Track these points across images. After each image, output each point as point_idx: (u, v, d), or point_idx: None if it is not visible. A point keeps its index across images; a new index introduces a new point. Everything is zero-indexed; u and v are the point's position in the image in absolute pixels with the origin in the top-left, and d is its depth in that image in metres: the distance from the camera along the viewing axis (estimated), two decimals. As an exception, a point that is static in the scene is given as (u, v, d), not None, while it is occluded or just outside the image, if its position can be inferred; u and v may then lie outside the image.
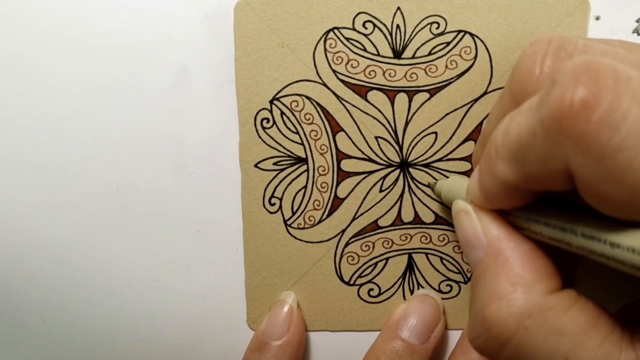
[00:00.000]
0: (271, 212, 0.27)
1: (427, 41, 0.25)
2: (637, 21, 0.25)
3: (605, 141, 0.13)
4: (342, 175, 0.27)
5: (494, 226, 0.18)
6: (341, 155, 0.26)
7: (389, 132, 0.26)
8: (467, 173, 0.26)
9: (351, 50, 0.26)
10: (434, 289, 0.27)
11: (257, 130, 0.26)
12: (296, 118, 0.26)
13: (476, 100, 0.26)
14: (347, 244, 0.27)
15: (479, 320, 0.17)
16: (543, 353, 0.16)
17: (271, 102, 0.26)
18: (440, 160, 0.26)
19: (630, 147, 0.13)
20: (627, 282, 0.18)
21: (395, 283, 0.27)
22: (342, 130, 0.26)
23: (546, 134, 0.14)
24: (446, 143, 0.26)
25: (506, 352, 0.16)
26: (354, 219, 0.27)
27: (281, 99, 0.26)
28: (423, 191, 0.27)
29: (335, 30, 0.25)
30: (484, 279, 0.17)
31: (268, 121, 0.26)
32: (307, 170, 0.27)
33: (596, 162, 0.13)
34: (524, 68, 0.18)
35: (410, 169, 0.26)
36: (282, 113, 0.26)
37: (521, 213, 0.18)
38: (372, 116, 0.26)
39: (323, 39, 0.26)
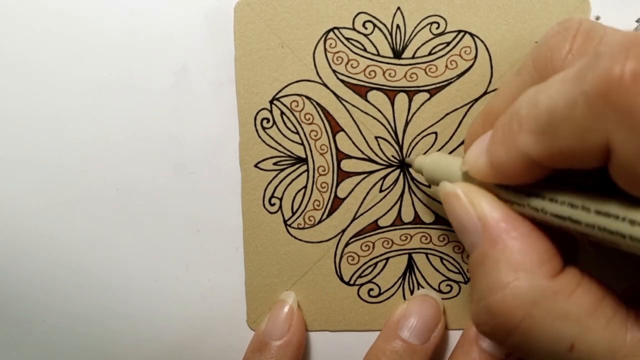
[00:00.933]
0: (271, 212, 0.27)
1: (427, 41, 0.25)
2: (637, 21, 0.25)
3: None
4: (342, 175, 0.27)
5: (489, 208, 0.17)
6: (341, 155, 0.26)
7: (389, 132, 0.26)
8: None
9: (351, 50, 0.26)
10: (434, 289, 0.27)
11: (257, 130, 0.26)
12: (296, 118, 0.26)
13: (476, 100, 0.26)
14: (347, 244, 0.27)
15: (484, 308, 0.17)
16: (551, 338, 0.15)
17: (271, 102, 0.26)
18: (440, 160, 0.26)
19: None
20: (632, 261, 0.18)
21: (395, 283, 0.27)
22: (342, 130, 0.26)
23: (589, 105, 0.13)
24: (446, 143, 0.26)
25: (514, 338, 0.16)
26: (354, 219, 0.27)
27: (281, 99, 0.26)
28: (423, 191, 0.27)
29: (335, 30, 0.25)
30: (484, 266, 0.17)
31: (268, 121, 0.26)
32: (307, 170, 0.27)
33: None
34: (553, 43, 0.17)
35: (411, 169, 0.26)
36: (282, 113, 0.26)
37: (524, 188, 0.17)
38: (372, 116, 0.26)
39: (323, 39, 0.26)
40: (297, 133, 0.26)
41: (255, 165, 0.27)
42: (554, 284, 0.16)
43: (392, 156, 0.26)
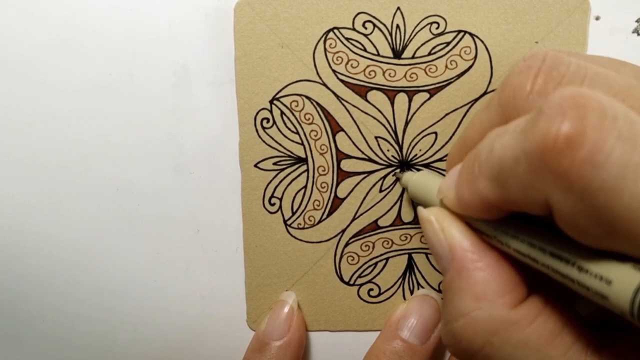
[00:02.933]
0: (271, 212, 0.27)
1: (427, 41, 0.25)
2: (637, 21, 0.25)
3: (587, 181, 0.13)
4: (342, 175, 0.27)
5: (458, 237, 0.18)
6: (341, 155, 0.26)
7: (389, 132, 0.26)
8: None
9: (351, 50, 0.26)
10: (434, 289, 0.27)
11: (257, 130, 0.26)
12: (296, 118, 0.26)
13: (476, 100, 0.26)
14: (347, 244, 0.27)
15: (449, 331, 0.18)
16: None
17: (271, 102, 0.26)
18: (440, 160, 0.26)
19: (611, 189, 0.13)
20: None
21: (395, 283, 0.27)
22: (342, 130, 0.26)
23: (528, 165, 0.14)
24: (446, 143, 0.26)
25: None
26: (354, 219, 0.27)
27: (281, 99, 0.26)
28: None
29: (335, 30, 0.25)
30: (451, 292, 0.18)
31: (268, 121, 0.26)
32: (307, 170, 0.27)
33: (576, 199, 0.13)
34: (516, 83, 0.18)
35: (411, 169, 0.26)
36: (282, 113, 0.26)
37: (490, 223, 0.18)
38: (372, 116, 0.26)
39: (323, 39, 0.26)
40: (297, 133, 0.26)
41: (255, 165, 0.27)
42: (513, 313, 0.16)
43: (392, 156, 0.26)
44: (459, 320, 0.17)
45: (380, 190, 0.27)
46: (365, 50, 0.26)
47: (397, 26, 0.25)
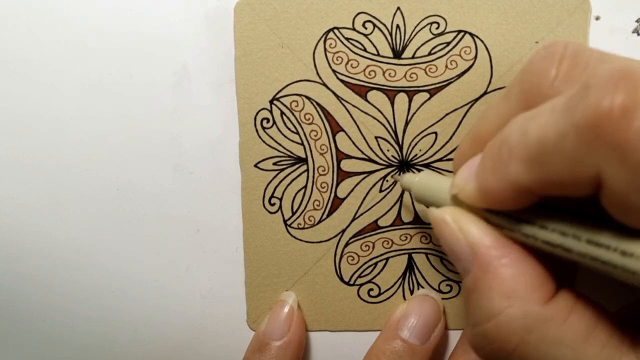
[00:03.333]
0: (271, 212, 0.27)
1: (427, 41, 0.25)
2: (637, 21, 0.25)
3: None
4: (342, 175, 0.27)
5: (479, 234, 0.17)
6: (341, 155, 0.26)
7: (389, 132, 0.26)
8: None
9: (351, 50, 0.26)
10: (434, 289, 0.27)
11: (257, 130, 0.26)
12: (296, 118, 0.26)
13: (476, 100, 0.26)
14: (347, 244, 0.27)
15: (480, 334, 0.17)
16: None
17: (271, 102, 0.26)
18: (440, 160, 0.26)
19: None
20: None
21: (395, 283, 0.27)
22: (342, 130, 0.26)
23: (580, 138, 0.13)
24: (446, 143, 0.26)
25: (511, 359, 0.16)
26: (354, 219, 0.27)
27: (281, 99, 0.26)
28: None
29: (335, 30, 0.25)
30: (477, 293, 0.17)
31: (268, 121, 0.26)
32: (307, 170, 0.27)
33: (632, 171, 0.13)
34: (540, 69, 0.17)
35: (411, 169, 0.26)
36: (282, 113, 0.26)
37: (514, 214, 0.17)
38: (372, 116, 0.26)
39: (323, 39, 0.26)
40: (297, 133, 0.26)
41: (255, 165, 0.27)
42: (547, 310, 0.16)
43: (392, 156, 0.26)
44: (491, 320, 0.16)
45: (380, 190, 0.27)
46: (365, 50, 0.25)
47: (397, 26, 0.25)
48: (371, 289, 0.27)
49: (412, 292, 0.27)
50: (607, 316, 0.16)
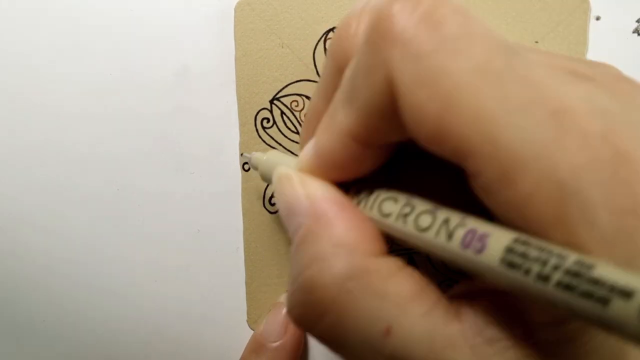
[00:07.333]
0: (271, 212, 0.27)
1: (427, 41, 0.25)
2: (637, 21, 0.25)
3: (422, 40, 0.13)
4: (342, 175, 0.27)
5: (321, 190, 0.16)
6: (341, 155, 0.26)
7: (389, 132, 0.26)
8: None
9: (351, 50, 0.26)
10: (434, 289, 0.27)
11: (257, 130, 0.26)
12: (296, 118, 0.26)
13: (476, 100, 0.26)
14: (347, 244, 0.27)
15: (299, 285, 0.16)
16: (366, 319, 0.14)
17: (271, 102, 0.26)
18: (440, 160, 0.26)
19: (448, 50, 0.12)
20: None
21: (395, 283, 0.27)
22: (342, 130, 0.26)
23: (367, 44, 0.14)
24: (446, 143, 0.26)
25: (327, 320, 0.15)
26: (354, 219, 0.27)
27: (281, 99, 0.26)
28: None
29: (335, 30, 0.25)
30: (305, 243, 0.16)
31: (268, 121, 0.26)
32: (307, 170, 0.27)
33: (413, 61, 0.13)
34: (340, 28, 0.17)
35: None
36: (282, 113, 0.26)
37: (362, 196, 0.17)
38: (372, 116, 0.26)
39: (323, 39, 0.26)
40: (297, 133, 0.26)
41: (255, 165, 0.27)
42: (374, 262, 0.15)
43: (392, 156, 0.26)
44: (313, 266, 0.15)
45: (381, 190, 0.27)
46: (365, 50, 0.26)
47: (397, 26, 0.25)
48: (371, 289, 0.27)
49: (412, 292, 0.27)
50: (434, 286, 0.15)
